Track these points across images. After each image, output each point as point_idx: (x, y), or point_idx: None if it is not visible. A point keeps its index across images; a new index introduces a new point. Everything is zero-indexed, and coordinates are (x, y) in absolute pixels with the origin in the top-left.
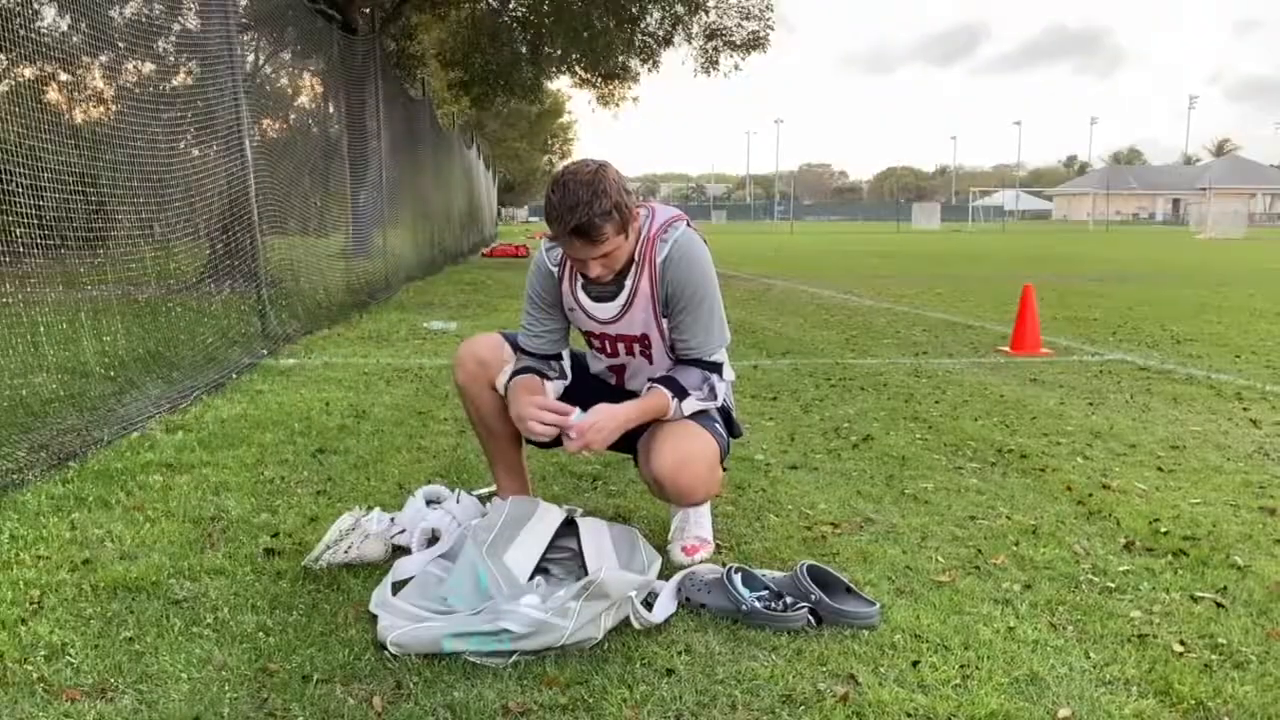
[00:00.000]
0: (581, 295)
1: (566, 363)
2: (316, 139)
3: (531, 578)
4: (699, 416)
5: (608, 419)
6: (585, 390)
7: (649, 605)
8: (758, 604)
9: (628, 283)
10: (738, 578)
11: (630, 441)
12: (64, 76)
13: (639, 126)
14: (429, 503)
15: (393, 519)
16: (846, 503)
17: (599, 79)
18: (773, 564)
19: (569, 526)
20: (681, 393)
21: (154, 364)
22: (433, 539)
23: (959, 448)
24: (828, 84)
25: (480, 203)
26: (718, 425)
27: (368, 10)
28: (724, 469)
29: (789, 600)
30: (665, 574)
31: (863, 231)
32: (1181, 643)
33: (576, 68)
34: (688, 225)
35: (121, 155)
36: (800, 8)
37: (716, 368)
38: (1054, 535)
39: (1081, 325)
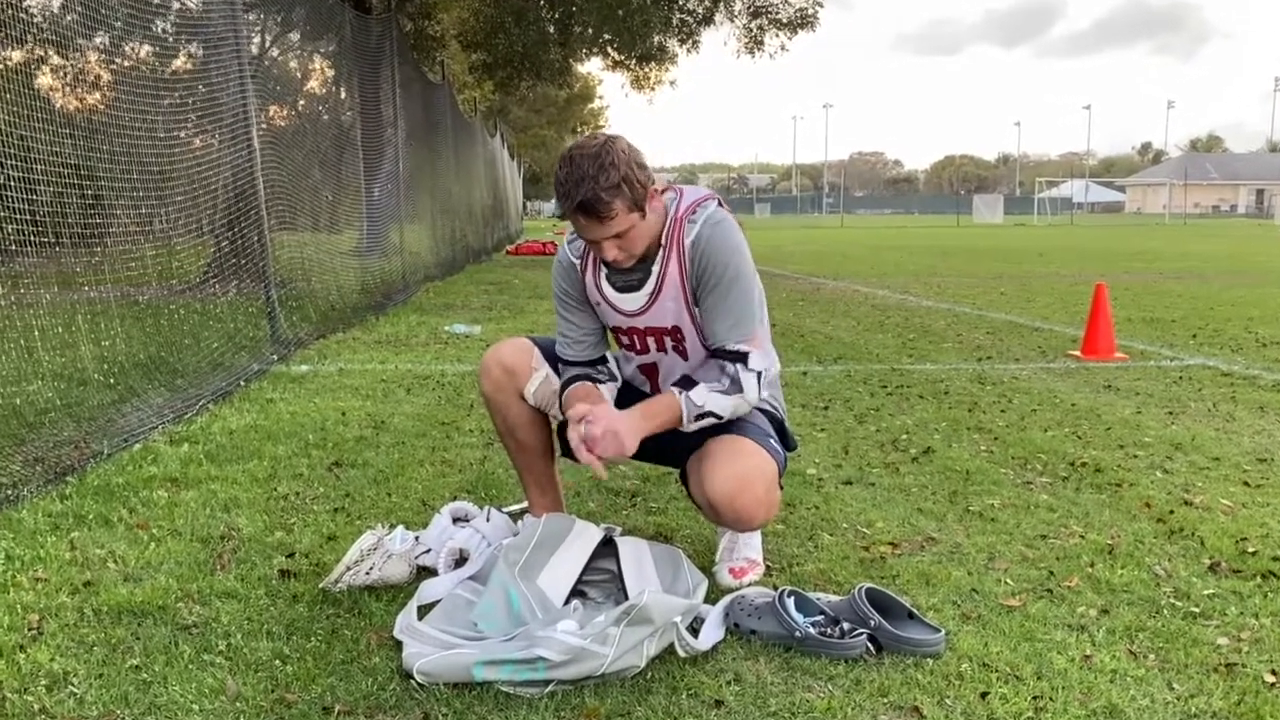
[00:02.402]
0: (606, 287)
1: (613, 364)
2: (328, 127)
3: (568, 601)
4: (753, 430)
5: (610, 423)
6: (623, 402)
7: (695, 631)
8: (812, 630)
9: (655, 269)
10: (790, 602)
11: (665, 453)
12: (56, 60)
13: (676, 113)
14: (456, 520)
15: (417, 538)
16: (906, 521)
17: (633, 61)
18: (828, 587)
19: (607, 546)
20: (688, 383)
21: (156, 371)
22: (460, 559)
23: (1027, 461)
24: (882, 66)
25: (504, 196)
26: (773, 440)
27: None
28: (780, 488)
29: (846, 626)
30: (712, 598)
31: (919, 225)
32: (1273, 672)
33: (609, 49)
34: (719, 205)
35: (119, 145)
36: None
37: (740, 357)
38: (1132, 556)
39: (1159, 327)
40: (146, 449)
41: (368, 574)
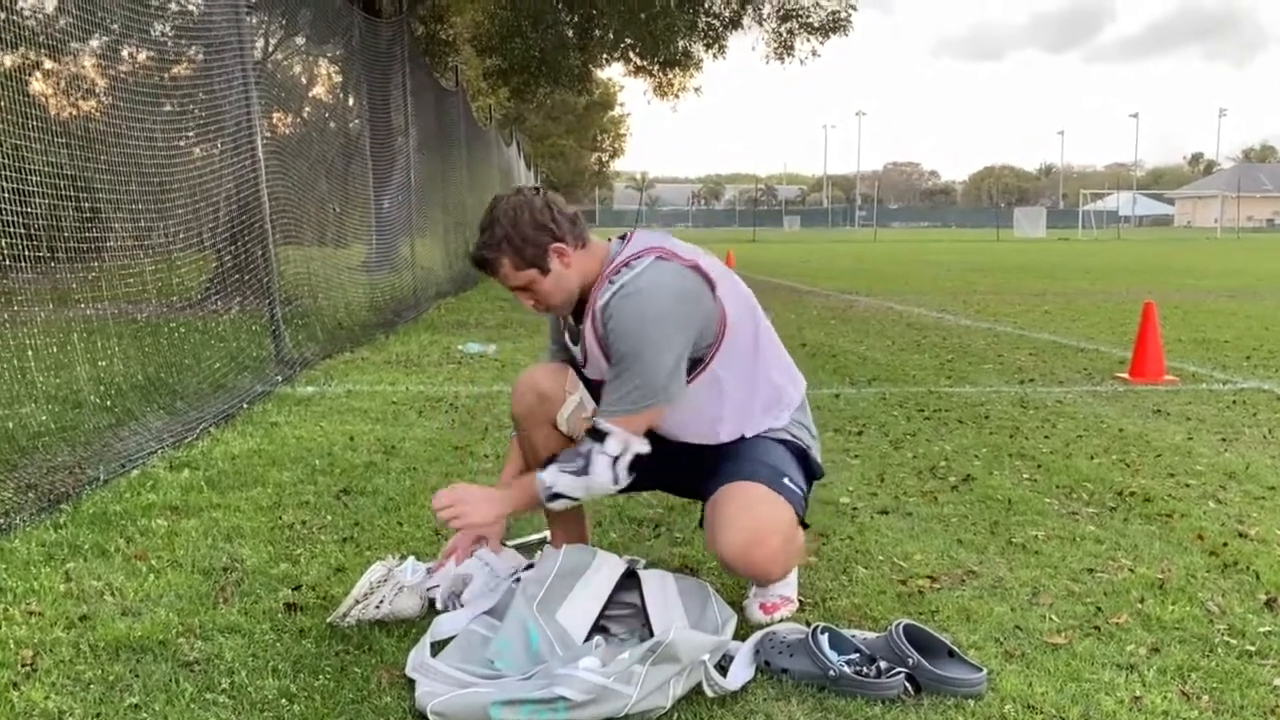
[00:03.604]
0: (565, 336)
1: None
2: (335, 136)
3: (589, 637)
4: (764, 471)
5: (473, 506)
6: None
7: (723, 670)
8: (847, 669)
9: (583, 327)
10: (824, 639)
11: (671, 482)
12: (50, 65)
13: (701, 121)
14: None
15: (429, 570)
16: (946, 553)
17: (656, 67)
18: (863, 623)
19: (630, 579)
20: (550, 460)
21: (155, 392)
22: (459, 590)
23: (1073, 490)
24: (920, 71)
25: None
26: (788, 480)
27: None
28: (804, 526)
29: (883, 665)
30: (742, 634)
31: (957, 239)
32: None
33: (631, 54)
34: (659, 259)
35: (116, 155)
36: None
37: (599, 436)
38: (1184, 591)
39: (1211, 348)
40: (145, 475)
41: (377, 608)
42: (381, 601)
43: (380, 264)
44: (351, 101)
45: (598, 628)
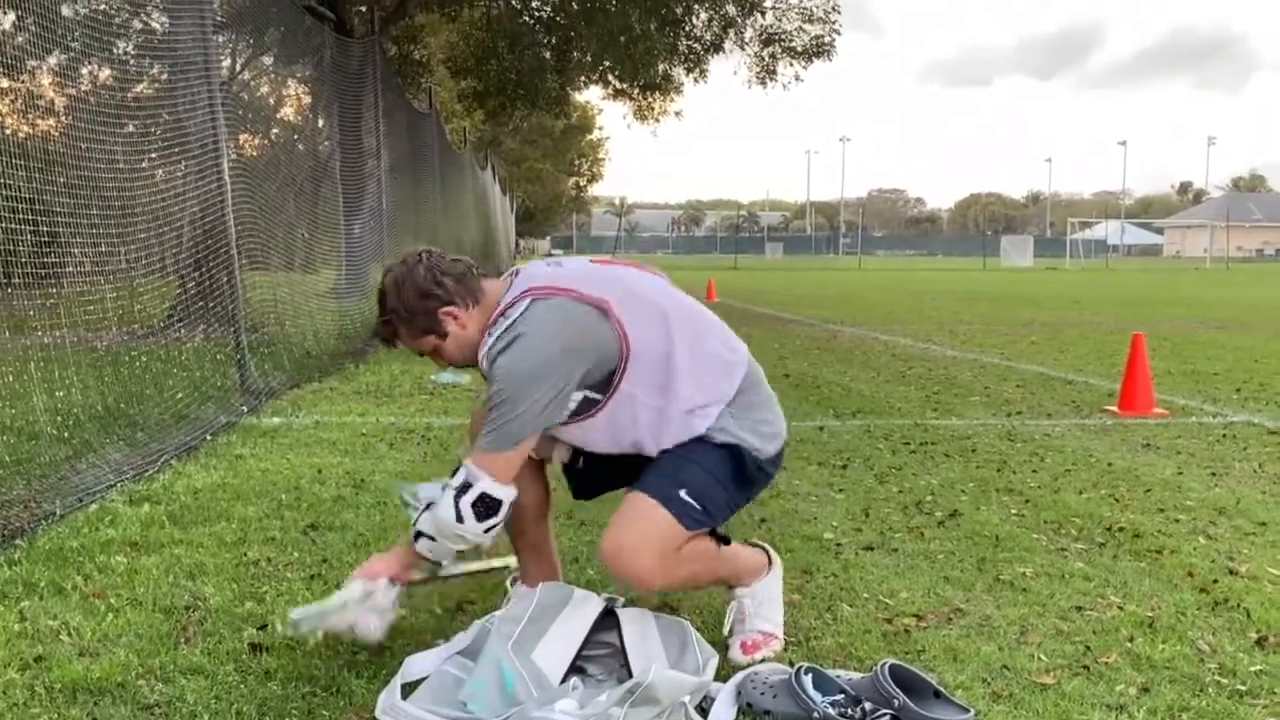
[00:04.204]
0: None
1: None
2: (304, 158)
3: (566, 679)
4: (656, 482)
5: (370, 564)
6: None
7: (704, 712)
8: (832, 710)
9: None
10: (808, 679)
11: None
12: (5, 83)
13: (682, 146)
14: None
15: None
16: (932, 590)
17: (636, 90)
18: (848, 663)
19: (608, 618)
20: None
21: (115, 423)
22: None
23: (1061, 525)
24: (904, 97)
25: (495, 233)
26: (683, 493)
27: (365, 9)
28: (720, 540)
29: (868, 706)
30: (723, 674)
31: (943, 268)
32: None
33: (610, 76)
34: (534, 301)
35: (76, 177)
36: (887, 8)
37: (455, 470)
38: (1174, 629)
39: (1201, 380)
40: (103, 510)
41: (346, 625)
42: (354, 624)
43: (350, 290)
44: (321, 123)
45: (575, 668)
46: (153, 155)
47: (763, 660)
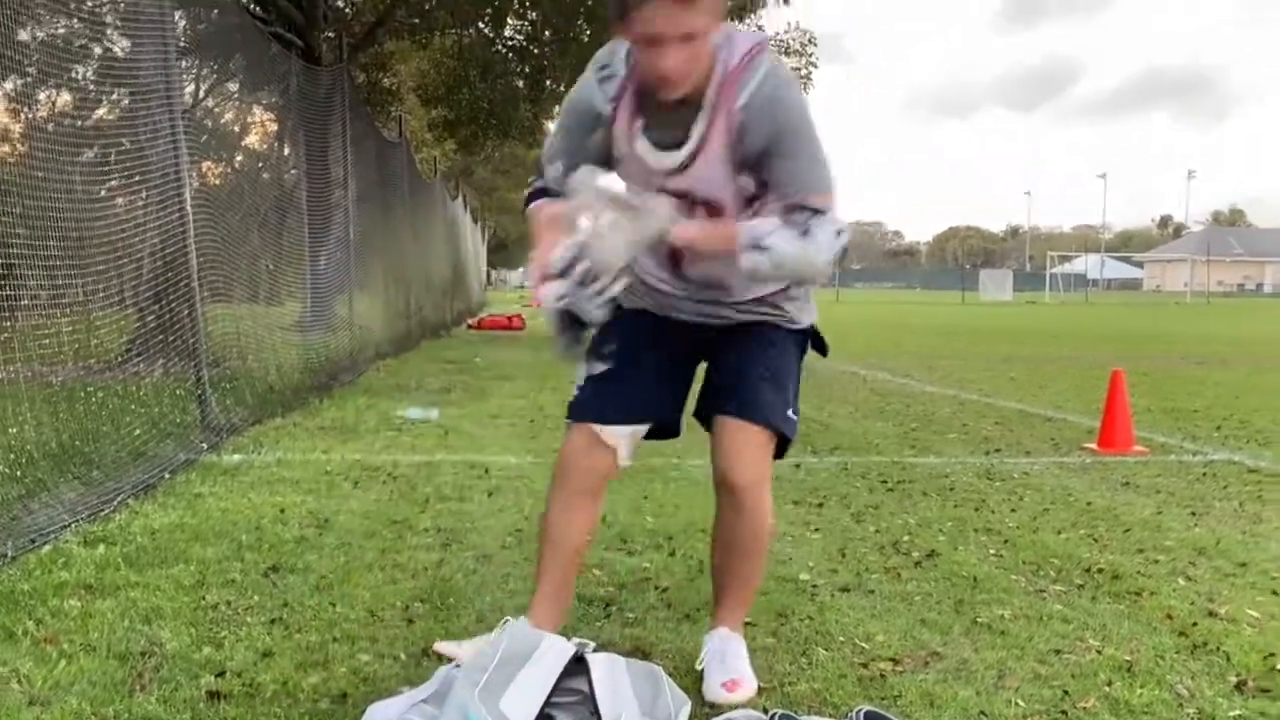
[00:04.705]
0: (641, 139)
1: None
2: (270, 187)
3: None
4: (776, 403)
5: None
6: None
7: None
8: None
9: (697, 129)
10: None
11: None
12: None
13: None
14: None
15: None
16: (909, 633)
17: None
18: (823, 709)
19: (578, 665)
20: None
21: (69, 461)
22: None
23: (1040, 566)
24: (883, 129)
25: (466, 265)
26: (791, 411)
27: (333, 35)
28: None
29: None
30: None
31: (921, 302)
32: None
33: None
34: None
35: (31, 205)
36: (862, 38)
37: (813, 212)
38: (1152, 673)
39: (1181, 418)
40: (57, 551)
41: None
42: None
43: (315, 323)
44: (287, 151)
45: (543, 716)
46: (112, 184)
47: (740, 701)
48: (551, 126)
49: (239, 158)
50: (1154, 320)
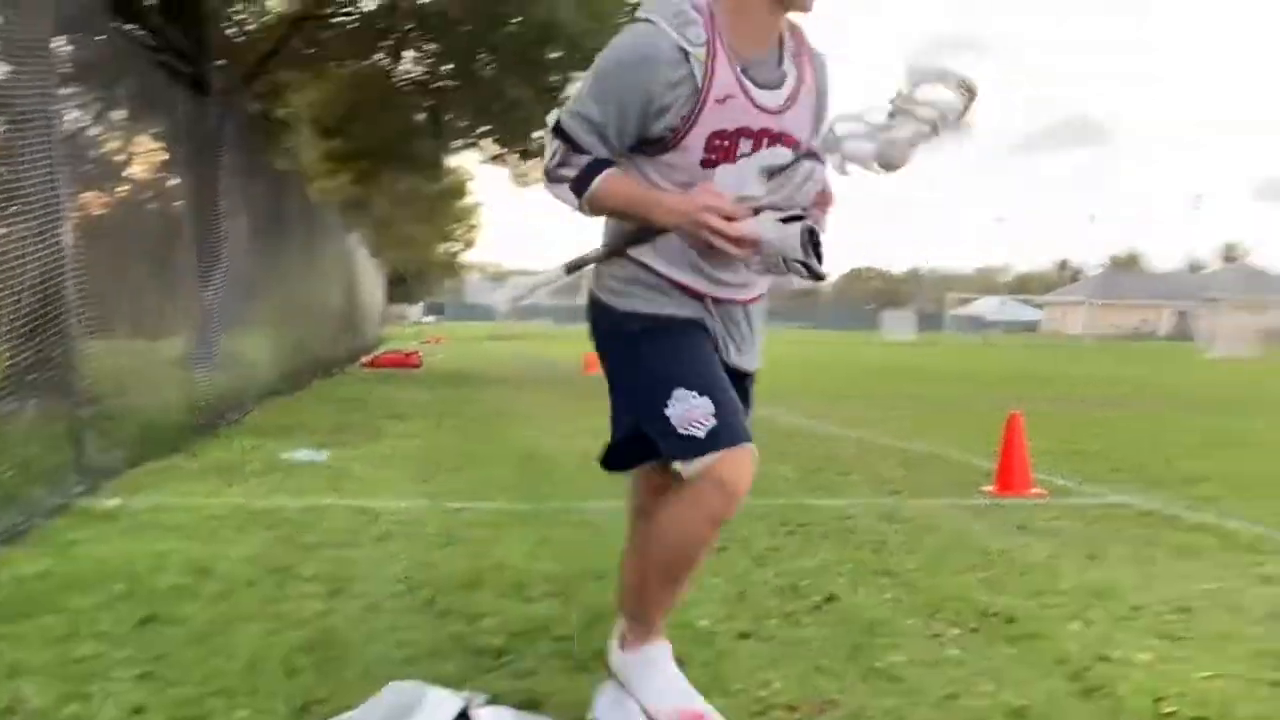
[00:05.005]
0: (744, 78)
1: None
2: (155, 219)
3: None
4: None
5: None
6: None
7: None
8: None
9: (790, 70)
10: None
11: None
12: None
13: (564, 212)
14: None
15: None
16: (806, 680)
17: (516, 156)
18: None
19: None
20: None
21: None
22: None
23: (937, 610)
24: None
25: (362, 300)
26: None
27: (224, 63)
28: None
29: None
30: None
31: (826, 342)
32: None
33: (488, 141)
34: None
35: None
36: None
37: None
38: (1046, 717)
39: (1078, 460)
40: None
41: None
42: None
43: (201, 359)
44: (175, 182)
45: None
46: None
47: None
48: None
49: (123, 188)
50: (1053, 362)
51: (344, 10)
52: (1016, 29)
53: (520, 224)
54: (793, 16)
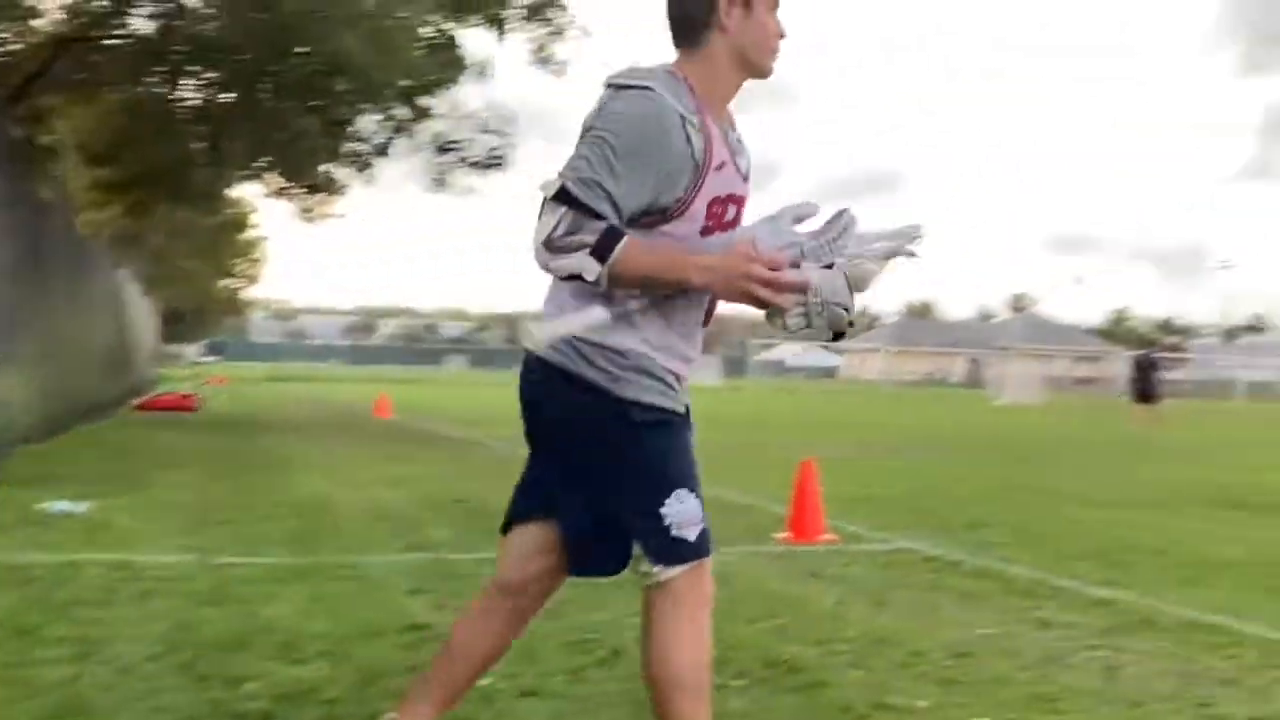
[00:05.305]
0: (728, 149)
1: None
2: None
3: None
4: None
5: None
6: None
7: None
8: None
9: (741, 134)
10: None
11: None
12: None
13: (355, 248)
14: None
15: None
16: None
17: (301, 189)
18: None
19: None
20: None
21: None
22: None
23: (725, 659)
24: None
25: (133, 339)
26: None
27: None
28: None
29: None
30: None
31: None
32: None
33: (272, 173)
34: None
35: None
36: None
37: None
38: None
39: (871, 506)
40: None
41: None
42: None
43: None
44: None
45: None
46: None
47: None
48: (233, 193)
49: None
50: (851, 408)
51: (115, 34)
52: (822, 80)
53: (309, 259)
54: (750, 83)
